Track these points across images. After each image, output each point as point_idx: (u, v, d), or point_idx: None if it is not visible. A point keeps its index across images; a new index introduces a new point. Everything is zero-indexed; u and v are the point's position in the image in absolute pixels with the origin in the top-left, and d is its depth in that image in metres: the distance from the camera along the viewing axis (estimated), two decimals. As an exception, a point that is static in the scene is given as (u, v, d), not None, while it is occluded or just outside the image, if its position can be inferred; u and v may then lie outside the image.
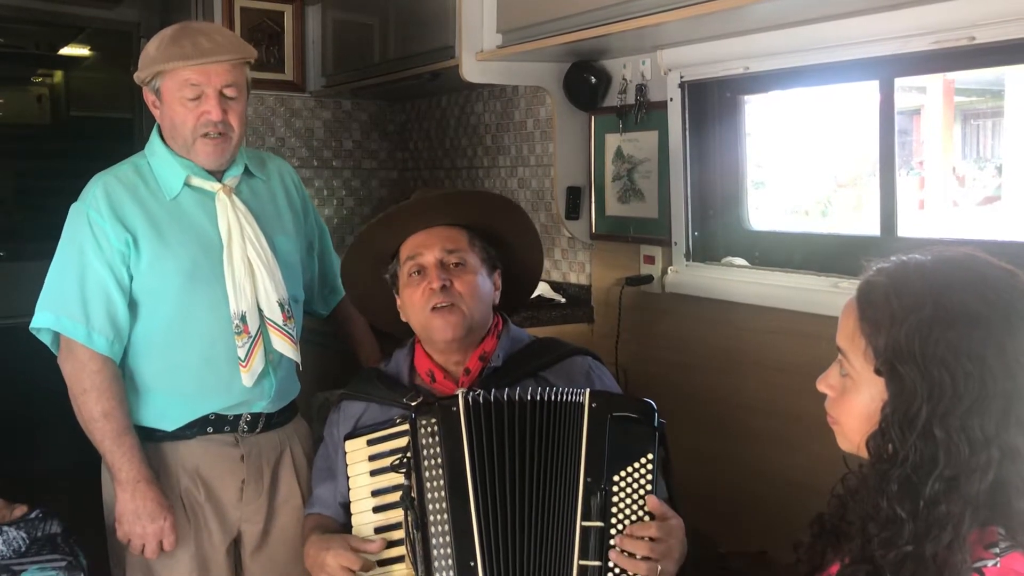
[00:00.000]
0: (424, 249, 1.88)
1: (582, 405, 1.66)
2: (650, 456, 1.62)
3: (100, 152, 2.65)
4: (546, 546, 1.62)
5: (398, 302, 1.95)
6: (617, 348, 2.81)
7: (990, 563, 1.12)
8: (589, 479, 1.61)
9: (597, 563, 1.59)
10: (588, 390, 1.68)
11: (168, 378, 2.08)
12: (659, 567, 1.57)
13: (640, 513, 1.60)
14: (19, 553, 1.90)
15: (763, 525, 2.35)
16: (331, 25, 3.81)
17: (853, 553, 1.22)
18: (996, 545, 1.13)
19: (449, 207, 1.92)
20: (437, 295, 1.83)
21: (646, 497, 1.60)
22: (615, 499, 1.61)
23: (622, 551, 1.58)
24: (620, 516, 1.60)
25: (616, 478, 1.61)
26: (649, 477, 1.61)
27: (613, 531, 1.60)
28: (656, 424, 1.65)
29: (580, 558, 1.60)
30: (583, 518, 1.60)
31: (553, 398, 1.68)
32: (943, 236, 2.38)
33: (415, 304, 1.87)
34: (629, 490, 1.61)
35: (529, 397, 1.68)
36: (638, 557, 1.58)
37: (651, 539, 1.58)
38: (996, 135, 3.02)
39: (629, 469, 1.62)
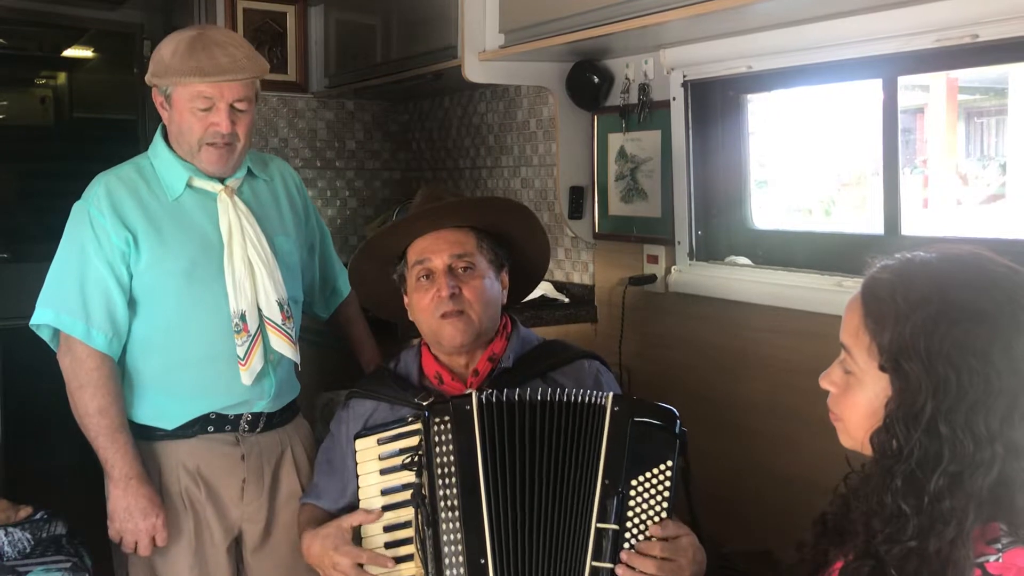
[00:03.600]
0: (432, 254, 1.87)
1: (604, 408, 1.66)
2: (669, 463, 1.63)
3: (103, 153, 2.65)
4: (559, 545, 1.63)
5: (405, 300, 1.95)
6: (620, 348, 2.81)
7: (992, 558, 1.13)
8: (607, 481, 1.62)
9: (610, 565, 1.60)
10: (611, 393, 1.69)
11: (168, 377, 2.09)
12: None
13: (656, 520, 1.61)
14: (24, 554, 1.91)
15: (767, 524, 2.35)
16: (334, 26, 3.82)
17: (857, 549, 1.23)
18: (998, 540, 1.14)
19: (458, 213, 1.92)
20: (446, 303, 1.83)
21: (655, 526, 1.60)
22: (631, 503, 1.61)
23: (630, 567, 1.58)
24: (636, 520, 1.61)
25: (634, 482, 1.62)
26: (668, 484, 1.62)
27: (628, 535, 1.61)
28: (677, 431, 1.65)
29: (593, 559, 1.60)
30: (599, 520, 1.61)
31: (575, 399, 1.68)
32: (947, 234, 2.38)
33: (424, 309, 1.87)
34: (646, 495, 1.62)
35: (549, 397, 1.68)
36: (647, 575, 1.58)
37: (661, 558, 1.59)
38: (1000, 133, 3.02)
39: (648, 475, 1.62)
